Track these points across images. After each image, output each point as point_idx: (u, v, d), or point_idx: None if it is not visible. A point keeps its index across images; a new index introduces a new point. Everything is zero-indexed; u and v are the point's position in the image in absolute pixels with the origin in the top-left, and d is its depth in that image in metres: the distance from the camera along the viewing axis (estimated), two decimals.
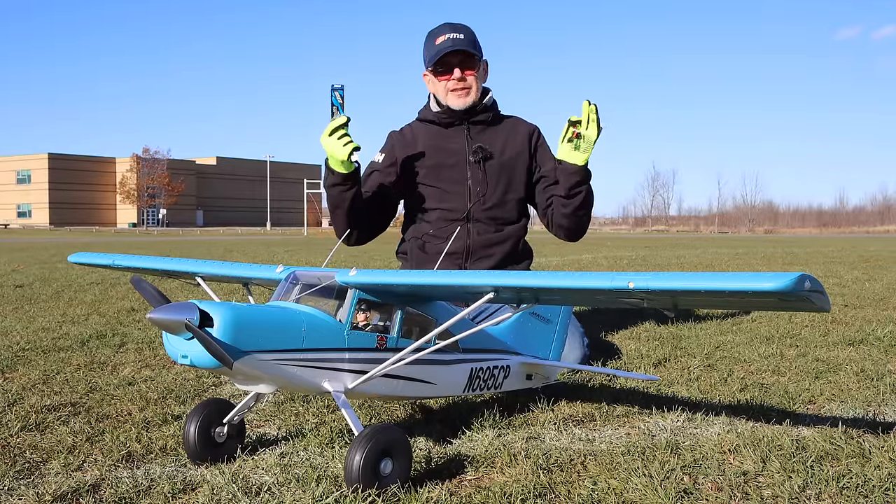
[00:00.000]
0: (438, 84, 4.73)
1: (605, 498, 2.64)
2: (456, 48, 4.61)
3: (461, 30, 4.70)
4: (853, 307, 7.86)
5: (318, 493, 2.61)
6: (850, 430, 3.28)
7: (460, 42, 4.63)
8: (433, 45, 4.69)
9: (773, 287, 2.16)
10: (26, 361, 4.90)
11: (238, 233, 69.55)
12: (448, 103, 4.72)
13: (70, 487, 2.68)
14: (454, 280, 2.87)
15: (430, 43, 4.73)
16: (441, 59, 4.63)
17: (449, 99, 4.71)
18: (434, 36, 4.72)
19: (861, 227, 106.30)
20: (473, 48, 4.67)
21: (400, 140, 4.86)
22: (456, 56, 4.64)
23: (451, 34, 4.66)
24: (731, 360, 5.01)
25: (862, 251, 23.59)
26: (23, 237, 46.76)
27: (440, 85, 4.72)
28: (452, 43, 4.62)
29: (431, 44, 4.71)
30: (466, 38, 4.67)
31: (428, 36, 4.79)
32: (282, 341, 2.69)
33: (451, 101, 4.70)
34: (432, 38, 4.72)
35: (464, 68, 4.67)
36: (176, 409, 3.72)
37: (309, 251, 23.53)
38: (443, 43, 4.64)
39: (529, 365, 3.73)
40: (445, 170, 4.74)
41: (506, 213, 4.81)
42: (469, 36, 4.70)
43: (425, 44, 4.80)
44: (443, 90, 4.72)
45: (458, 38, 4.64)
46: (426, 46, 4.78)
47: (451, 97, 4.70)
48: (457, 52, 4.62)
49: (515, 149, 4.81)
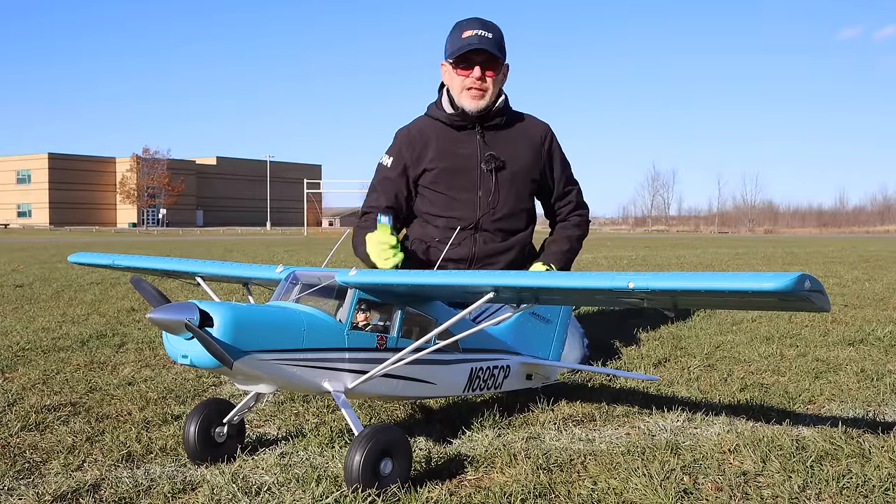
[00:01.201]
0: (456, 78, 4.55)
1: (605, 498, 2.64)
2: (482, 46, 4.45)
3: (491, 28, 4.54)
4: (853, 307, 7.86)
5: (318, 493, 2.62)
6: (850, 430, 3.28)
7: (487, 41, 4.46)
8: (459, 38, 4.51)
9: (773, 287, 2.17)
10: (26, 361, 4.90)
11: (238, 233, 69.53)
12: (461, 103, 4.55)
13: (70, 487, 2.68)
14: (454, 280, 2.87)
15: (455, 34, 4.55)
16: (464, 54, 4.47)
17: (462, 98, 4.54)
18: (462, 28, 4.54)
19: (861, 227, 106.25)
20: (499, 50, 4.52)
21: (408, 141, 4.70)
22: (480, 54, 4.47)
23: (479, 30, 4.48)
24: (731, 360, 5.01)
25: (862, 251, 23.59)
26: (23, 237, 46.76)
27: (457, 80, 4.55)
28: (479, 40, 4.45)
29: (457, 36, 4.53)
30: (494, 37, 4.51)
31: (455, 27, 4.60)
32: (282, 341, 2.69)
33: (465, 101, 4.54)
34: (459, 30, 4.54)
35: (485, 68, 4.50)
36: (176, 409, 3.72)
37: (309, 251, 23.53)
38: (469, 38, 4.46)
39: (529, 365, 3.73)
40: (456, 176, 4.60)
41: (514, 224, 4.72)
42: (497, 36, 4.54)
43: (451, 34, 4.61)
44: (458, 86, 4.55)
45: (486, 37, 4.47)
46: (451, 37, 4.59)
47: (465, 96, 4.53)
48: (482, 50, 4.46)
49: (528, 157, 4.70)
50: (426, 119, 4.76)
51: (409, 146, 4.68)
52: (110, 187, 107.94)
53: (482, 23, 4.55)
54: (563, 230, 4.93)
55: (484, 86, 4.51)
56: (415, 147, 4.67)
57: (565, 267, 4.74)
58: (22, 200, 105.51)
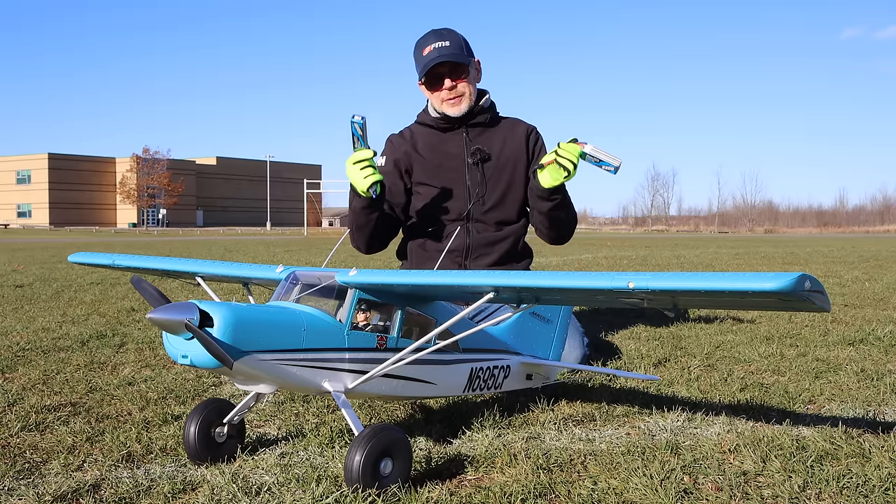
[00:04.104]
0: (432, 96, 4.74)
1: (605, 498, 2.64)
2: (442, 59, 4.55)
3: (446, 36, 4.63)
4: (853, 307, 7.87)
5: (318, 493, 2.62)
6: (850, 430, 3.28)
7: (446, 51, 4.56)
8: (421, 57, 4.65)
9: (773, 287, 2.16)
10: (26, 361, 4.90)
11: (238, 233, 69.53)
12: (444, 111, 4.71)
13: (70, 487, 2.68)
14: (454, 280, 2.87)
15: (418, 54, 4.70)
16: (430, 71, 4.60)
17: (444, 108, 4.70)
18: (421, 47, 4.67)
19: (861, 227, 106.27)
20: (460, 55, 4.60)
21: (399, 143, 4.87)
22: (444, 66, 4.60)
23: (436, 43, 4.59)
24: (731, 360, 5.01)
25: (862, 251, 23.59)
26: (23, 237, 46.76)
27: (434, 96, 4.73)
28: (438, 54, 4.56)
29: (420, 55, 4.67)
30: (453, 44, 4.59)
31: (416, 46, 4.74)
32: (282, 341, 2.69)
33: (447, 109, 4.69)
34: (419, 48, 4.68)
35: (454, 77, 4.62)
36: (176, 409, 3.72)
37: (309, 251, 23.53)
38: (429, 55, 4.58)
39: (529, 365, 3.73)
40: (444, 172, 4.75)
41: (505, 214, 4.82)
42: (455, 42, 4.62)
43: (414, 54, 4.76)
44: (437, 101, 4.72)
45: (444, 47, 4.57)
46: (415, 57, 4.75)
47: (445, 106, 4.69)
48: (443, 62, 4.57)
49: (514, 150, 4.81)
50: (415, 125, 4.96)
51: (401, 146, 4.87)
52: (110, 187, 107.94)
53: (437, 34, 4.67)
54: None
55: (458, 93, 4.67)
56: (406, 147, 4.85)
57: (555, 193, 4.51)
58: (22, 200, 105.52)
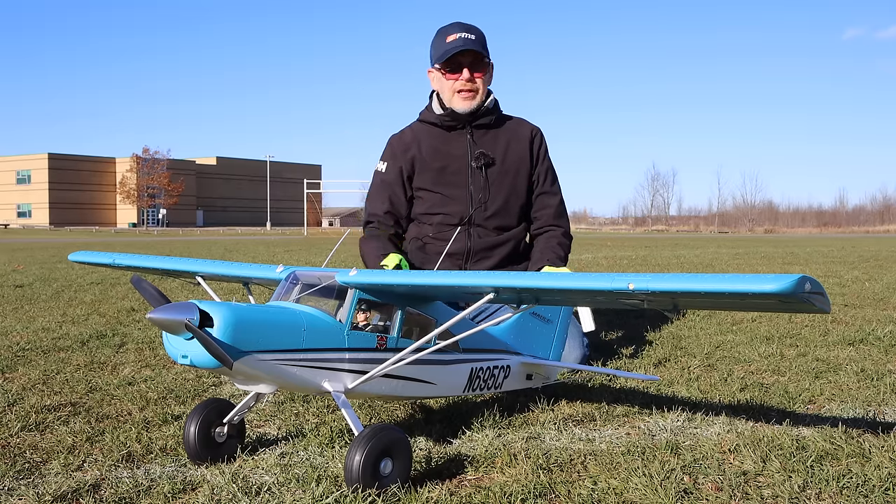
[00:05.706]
0: (445, 83, 4.68)
1: (605, 498, 2.64)
2: (468, 48, 4.56)
3: (473, 30, 4.66)
4: (853, 307, 7.87)
5: (318, 493, 2.62)
6: (850, 430, 3.28)
7: (472, 42, 4.58)
8: (443, 43, 4.62)
9: (773, 289, 2.16)
10: (26, 361, 4.90)
11: (238, 233, 69.52)
12: (453, 105, 4.68)
13: (70, 487, 2.68)
14: (454, 280, 2.87)
15: (439, 40, 4.67)
16: (451, 57, 4.59)
17: (454, 101, 4.67)
18: (445, 33, 4.65)
19: (861, 227, 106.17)
20: (484, 50, 4.65)
21: (400, 144, 4.83)
22: (467, 56, 4.60)
23: (462, 33, 4.60)
24: (731, 360, 5.02)
25: (862, 251, 23.59)
26: (23, 237, 46.76)
27: (447, 84, 4.67)
28: (464, 42, 4.56)
29: (441, 41, 4.64)
30: (478, 39, 4.63)
31: (438, 33, 4.72)
32: (282, 341, 2.69)
33: (457, 103, 4.66)
34: (443, 35, 4.66)
35: (473, 70, 4.63)
36: (176, 409, 3.72)
37: (309, 251, 23.53)
38: (454, 42, 4.58)
39: (529, 365, 3.73)
40: (447, 175, 4.72)
41: (507, 220, 4.80)
42: (480, 37, 4.66)
43: (434, 40, 4.73)
44: (449, 90, 4.67)
45: (470, 39, 4.59)
46: (435, 43, 4.71)
47: (456, 99, 4.66)
48: (468, 52, 4.58)
49: (518, 154, 4.79)
50: (417, 124, 4.90)
51: (403, 149, 4.81)
52: (110, 187, 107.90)
53: (464, 26, 4.68)
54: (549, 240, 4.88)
55: (474, 86, 4.66)
56: (408, 149, 4.79)
57: (565, 260, 4.82)
58: (22, 200, 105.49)
